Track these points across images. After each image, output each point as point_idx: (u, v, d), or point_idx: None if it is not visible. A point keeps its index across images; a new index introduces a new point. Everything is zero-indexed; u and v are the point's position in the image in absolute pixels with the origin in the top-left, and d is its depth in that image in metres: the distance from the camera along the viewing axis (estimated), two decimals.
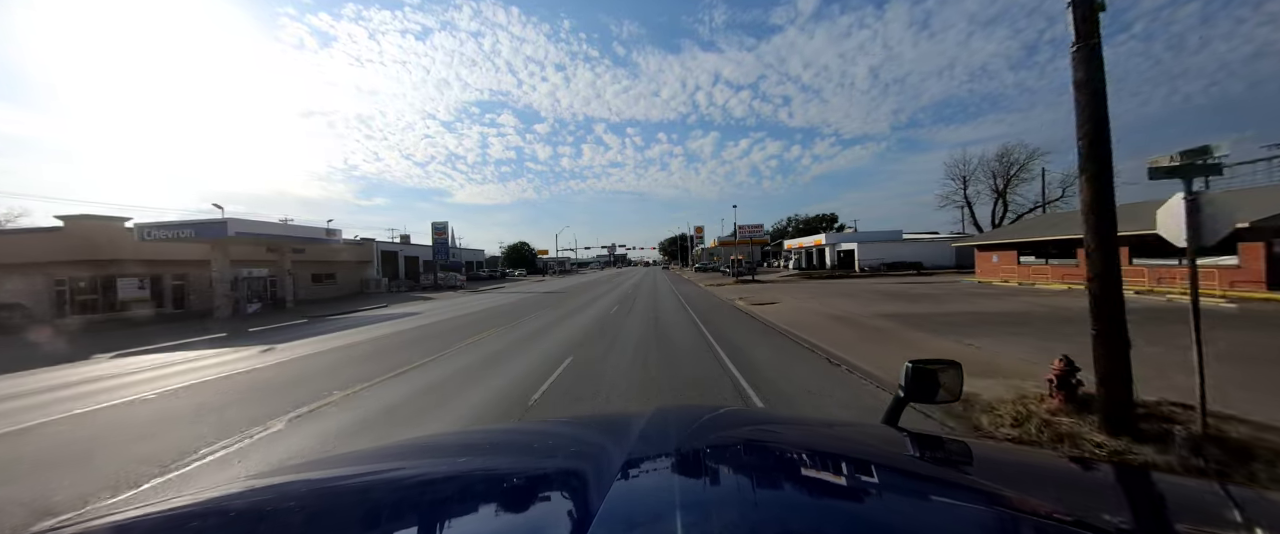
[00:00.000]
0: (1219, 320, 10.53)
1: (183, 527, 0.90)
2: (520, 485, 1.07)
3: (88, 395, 7.74)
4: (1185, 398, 4.57)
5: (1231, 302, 13.92)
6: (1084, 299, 4.45)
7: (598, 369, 7.96)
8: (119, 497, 3.95)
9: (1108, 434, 4.14)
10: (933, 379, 1.51)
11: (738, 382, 6.95)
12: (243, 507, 1.01)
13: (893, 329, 11.05)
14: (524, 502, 0.97)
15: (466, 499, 1.00)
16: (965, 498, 0.92)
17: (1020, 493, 0.92)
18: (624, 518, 0.75)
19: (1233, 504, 0.89)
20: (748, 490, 0.93)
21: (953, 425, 4.86)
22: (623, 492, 0.86)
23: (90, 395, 7.73)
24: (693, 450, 1.18)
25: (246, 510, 0.99)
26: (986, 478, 1.00)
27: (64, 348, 13.82)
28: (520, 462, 1.30)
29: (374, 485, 1.12)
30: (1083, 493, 1.00)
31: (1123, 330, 4.19)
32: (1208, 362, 3.98)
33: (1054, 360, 5.02)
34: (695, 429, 1.42)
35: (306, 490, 1.11)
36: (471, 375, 7.91)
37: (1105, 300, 4.25)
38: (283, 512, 0.98)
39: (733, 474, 1.04)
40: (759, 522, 0.75)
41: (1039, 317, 12.44)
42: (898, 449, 1.24)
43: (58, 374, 9.97)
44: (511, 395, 6.56)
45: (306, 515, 0.95)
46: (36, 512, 3.73)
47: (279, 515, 0.96)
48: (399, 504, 0.96)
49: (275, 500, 1.05)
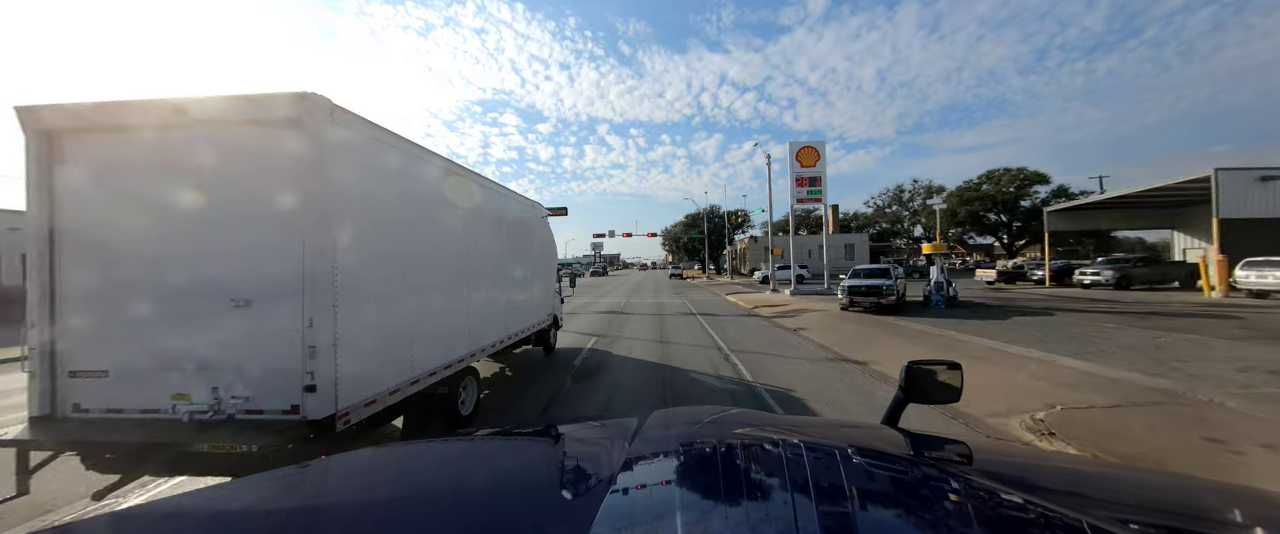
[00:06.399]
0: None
1: (185, 526, 0.90)
2: (522, 487, 1.08)
3: None
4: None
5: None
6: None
7: None
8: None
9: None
10: (932, 379, 1.53)
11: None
12: (246, 506, 1.01)
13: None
14: (526, 503, 0.96)
15: (468, 502, 0.99)
16: (965, 498, 0.90)
17: (1020, 493, 0.91)
18: (625, 518, 0.78)
19: (1233, 504, 0.91)
20: (748, 491, 0.92)
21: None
22: (624, 492, 0.88)
23: None
24: (694, 451, 1.18)
25: (249, 510, 0.99)
26: (986, 478, 1.00)
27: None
28: (522, 463, 1.31)
29: (375, 488, 1.12)
30: (1082, 493, 1.01)
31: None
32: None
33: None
34: (696, 430, 1.43)
35: (307, 491, 1.12)
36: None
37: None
38: (284, 512, 0.99)
39: (733, 475, 1.02)
40: (759, 522, 0.75)
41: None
42: (898, 449, 1.24)
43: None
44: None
45: (309, 517, 0.96)
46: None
47: (281, 516, 0.96)
48: (400, 507, 0.95)
49: (278, 500, 1.05)
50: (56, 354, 3.35)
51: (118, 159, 3.38)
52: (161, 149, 3.34)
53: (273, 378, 3.24)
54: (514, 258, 7.36)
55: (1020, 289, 25.41)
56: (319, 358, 3.20)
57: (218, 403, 3.21)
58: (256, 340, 3.27)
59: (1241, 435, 4.65)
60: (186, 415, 3.17)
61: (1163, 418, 5.22)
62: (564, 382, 7.55)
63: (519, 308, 7.53)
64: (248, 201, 3.31)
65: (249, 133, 3.28)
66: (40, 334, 3.32)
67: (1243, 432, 4.74)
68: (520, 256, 7.68)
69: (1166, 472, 1.45)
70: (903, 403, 1.55)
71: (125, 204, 3.37)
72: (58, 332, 3.36)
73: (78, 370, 3.35)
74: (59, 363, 3.36)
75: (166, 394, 3.26)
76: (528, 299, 8.05)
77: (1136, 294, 20.28)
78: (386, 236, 4.04)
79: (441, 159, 5.10)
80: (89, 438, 3.14)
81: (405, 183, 4.40)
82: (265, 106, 3.22)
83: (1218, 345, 8.95)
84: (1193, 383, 6.44)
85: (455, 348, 5.20)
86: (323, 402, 3.20)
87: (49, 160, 3.36)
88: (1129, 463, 4.25)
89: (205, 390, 3.24)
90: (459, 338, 5.34)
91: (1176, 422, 5.10)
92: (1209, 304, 15.91)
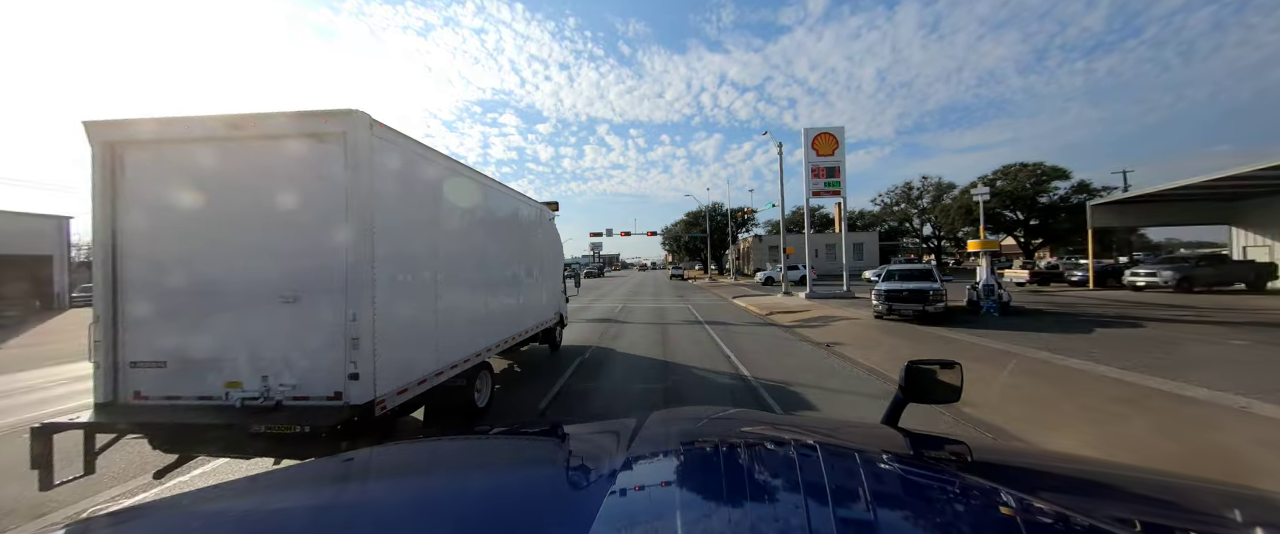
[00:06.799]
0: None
1: (185, 525, 0.89)
2: (522, 487, 1.07)
3: None
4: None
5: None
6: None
7: None
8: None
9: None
10: (932, 378, 1.53)
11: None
12: (248, 505, 1.00)
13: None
14: (526, 503, 0.94)
15: (468, 502, 0.98)
16: (965, 498, 0.90)
17: (1020, 492, 0.89)
18: (626, 518, 0.77)
19: (1233, 504, 0.90)
20: (748, 491, 0.92)
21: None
22: (624, 492, 0.87)
23: None
24: (694, 450, 1.19)
25: (252, 509, 0.98)
26: (986, 478, 0.99)
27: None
28: (521, 463, 1.30)
29: (374, 488, 1.12)
30: (1082, 492, 0.99)
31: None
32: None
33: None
34: (696, 430, 1.44)
35: (308, 491, 1.10)
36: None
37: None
38: (287, 512, 0.97)
39: (733, 475, 1.01)
40: (759, 522, 0.74)
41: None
42: (898, 449, 1.22)
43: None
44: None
45: (310, 517, 0.94)
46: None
47: (283, 516, 0.95)
48: (400, 507, 0.94)
49: (279, 500, 1.04)
50: (118, 346, 3.64)
51: (175, 168, 3.66)
52: (216, 159, 3.62)
53: (318, 367, 3.54)
54: (526, 259, 7.66)
55: (1061, 292, 22.79)
56: (361, 348, 3.49)
57: (268, 390, 3.48)
58: (303, 333, 3.56)
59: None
60: (239, 401, 3.45)
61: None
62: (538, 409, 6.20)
63: (530, 306, 7.82)
64: (294, 207, 3.59)
65: (297, 145, 3.59)
66: (104, 328, 3.60)
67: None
68: (532, 257, 7.99)
69: (1167, 471, 1.14)
70: (902, 402, 1.54)
71: (181, 209, 3.66)
72: (120, 326, 3.64)
73: (138, 361, 3.64)
74: (121, 354, 3.64)
75: (220, 382, 3.54)
76: (538, 298, 8.34)
77: (1208, 298, 17.79)
78: (418, 239, 4.36)
79: (465, 168, 5.43)
80: (150, 421, 3.45)
81: (434, 190, 4.70)
82: (312, 121, 3.52)
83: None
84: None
85: (474, 343, 5.50)
86: (364, 389, 3.49)
87: (113, 170, 3.64)
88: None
89: (256, 379, 3.52)
90: (478, 334, 5.65)
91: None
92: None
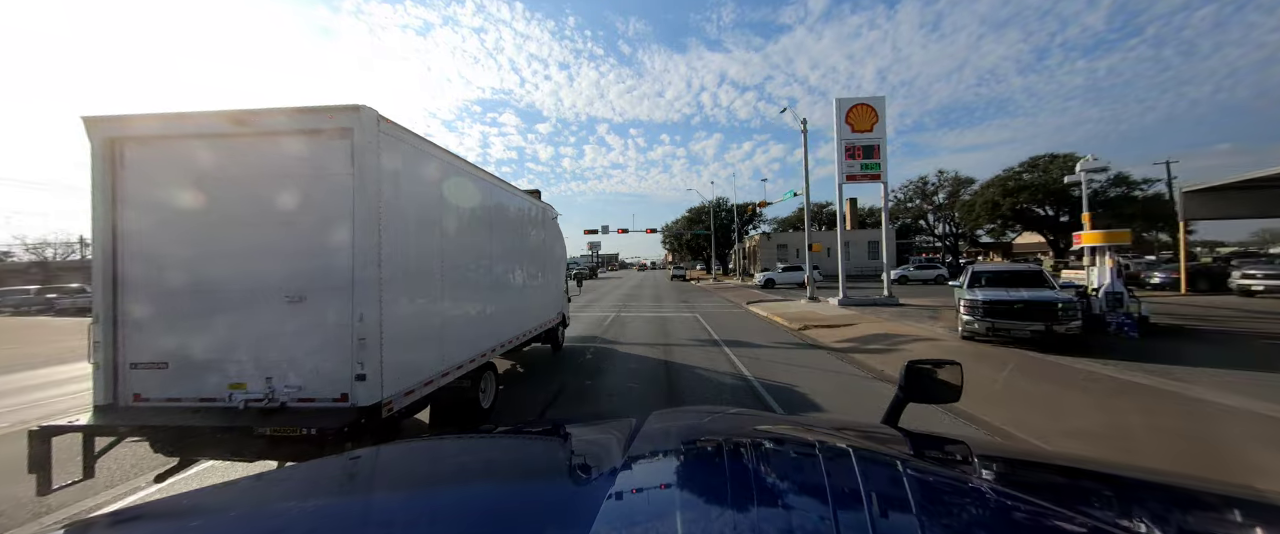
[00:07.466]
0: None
1: (186, 525, 0.89)
2: (522, 486, 1.07)
3: None
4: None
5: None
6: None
7: None
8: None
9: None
10: (932, 378, 1.52)
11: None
12: (249, 505, 0.99)
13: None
14: (526, 503, 0.94)
15: (468, 502, 0.98)
16: (965, 498, 0.90)
17: (1020, 492, 0.90)
18: (626, 517, 0.77)
19: (1233, 504, 0.90)
20: (748, 491, 0.91)
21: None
22: (624, 492, 0.87)
23: None
24: (694, 450, 1.18)
25: (253, 509, 0.98)
26: (986, 477, 0.99)
27: None
28: (522, 463, 1.30)
29: (375, 488, 1.12)
30: (1083, 492, 0.99)
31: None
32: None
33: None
34: (696, 429, 1.43)
35: (308, 492, 1.09)
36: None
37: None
38: (288, 511, 0.96)
39: (734, 474, 1.01)
40: (759, 522, 0.74)
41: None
42: (898, 449, 1.22)
43: None
44: None
45: (311, 517, 0.93)
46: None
47: (284, 515, 0.94)
48: (400, 507, 0.94)
49: (280, 499, 1.03)
50: (119, 347, 3.55)
51: (177, 165, 3.58)
52: (219, 156, 3.55)
53: (323, 368, 3.45)
54: (531, 259, 7.59)
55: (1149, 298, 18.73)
56: (367, 349, 3.40)
57: (272, 392, 3.39)
58: (308, 334, 3.47)
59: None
60: (242, 403, 3.37)
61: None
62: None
63: (534, 305, 7.78)
64: (299, 204, 3.51)
65: (302, 142, 3.51)
66: (103, 329, 3.51)
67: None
68: (536, 258, 7.93)
69: (1167, 471, 1.12)
70: (902, 402, 1.54)
71: (183, 207, 3.57)
72: (120, 326, 3.55)
73: (139, 362, 3.55)
74: (121, 355, 3.55)
75: (223, 384, 3.46)
76: (541, 299, 8.26)
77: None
78: (425, 237, 4.29)
79: (471, 166, 5.38)
80: (151, 424, 3.35)
81: (440, 188, 4.64)
82: (317, 118, 3.44)
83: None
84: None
85: (480, 343, 5.47)
86: (371, 390, 3.41)
87: (113, 167, 3.55)
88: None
89: (260, 380, 3.44)
90: (483, 334, 5.60)
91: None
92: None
